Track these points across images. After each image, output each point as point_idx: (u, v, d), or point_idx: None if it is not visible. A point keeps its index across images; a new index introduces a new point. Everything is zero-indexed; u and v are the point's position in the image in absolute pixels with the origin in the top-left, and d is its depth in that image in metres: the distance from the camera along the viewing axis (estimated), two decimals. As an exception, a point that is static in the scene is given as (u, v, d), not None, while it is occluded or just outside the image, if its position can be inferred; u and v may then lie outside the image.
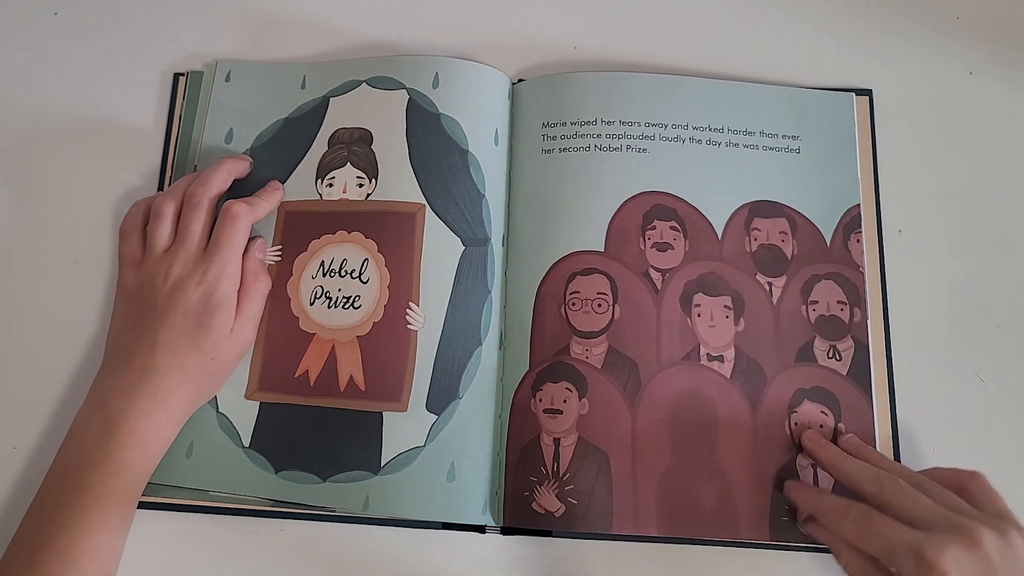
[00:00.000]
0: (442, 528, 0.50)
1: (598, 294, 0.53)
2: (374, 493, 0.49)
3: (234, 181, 0.55)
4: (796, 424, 0.51)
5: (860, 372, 0.53)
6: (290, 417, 0.51)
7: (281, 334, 0.53)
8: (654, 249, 0.54)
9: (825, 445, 0.50)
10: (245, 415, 0.51)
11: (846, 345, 0.53)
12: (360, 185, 0.55)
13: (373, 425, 0.50)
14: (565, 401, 0.51)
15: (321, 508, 0.50)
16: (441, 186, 0.54)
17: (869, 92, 0.59)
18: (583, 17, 0.62)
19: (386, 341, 0.52)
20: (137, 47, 0.62)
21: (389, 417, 0.50)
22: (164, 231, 0.51)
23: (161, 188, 0.58)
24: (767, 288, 0.54)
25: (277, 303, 0.53)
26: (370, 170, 0.55)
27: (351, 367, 0.51)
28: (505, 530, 0.50)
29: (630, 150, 0.56)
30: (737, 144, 0.57)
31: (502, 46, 0.61)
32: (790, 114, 0.58)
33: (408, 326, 0.52)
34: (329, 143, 0.56)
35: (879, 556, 0.42)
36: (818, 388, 0.52)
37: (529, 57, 0.61)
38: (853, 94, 0.59)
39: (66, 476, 0.46)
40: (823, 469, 0.50)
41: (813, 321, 0.54)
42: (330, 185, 0.55)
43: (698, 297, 0.54)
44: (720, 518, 0.49)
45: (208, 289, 0.49)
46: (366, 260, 0.53)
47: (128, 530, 0.47)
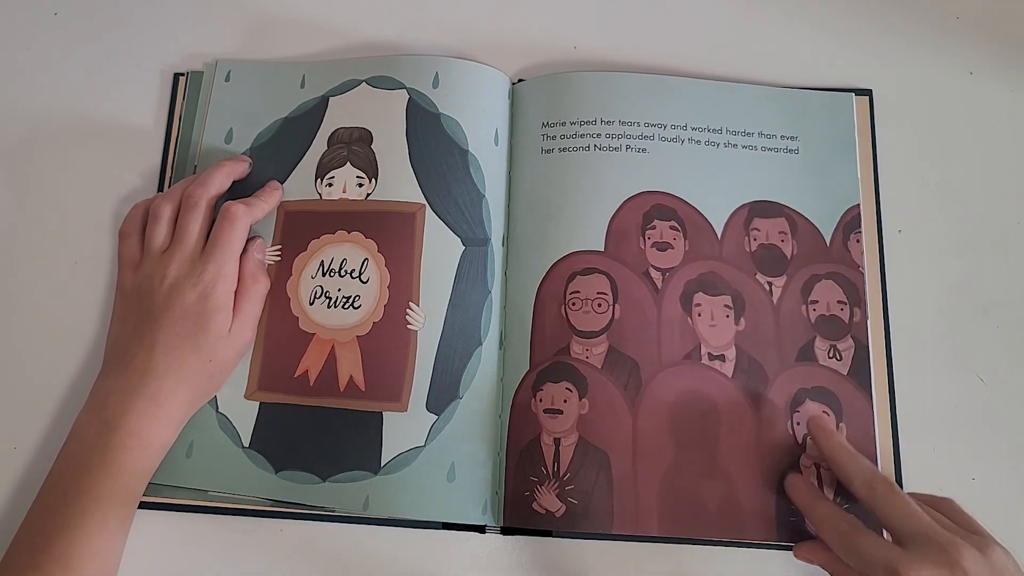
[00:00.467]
0: (442, 528, 0.50)
1: (598, 294, 0.53)
2: (374, 493, 0.49)
3: (234, 181, 0.55)
4: (799, 424, 0.51)
5: (860, 372, 0.53)
6: (290, 417, 0.51)
7: (281, 334, 0.53)
8: (654, 249, 0.54)
9: (830, 433, 0.49)
10: (245, 415, 0.51)
11: (846, 345, 0.53)
12: (360, 185, 0.55)
13: (373, 425, 0.50)
14: (565, 401, 0.51)
15: (321, 508, 0.50)
16: (441, 186, 0.54)
17: (869, 92, 0.59)
18: (583, 17, 0.62)
19: (386, 341, 0.52)
20: (137, 47, 0.62)
21: (389, 417, 0.50)
22: (161, 232, 0.51)
23: (161, 188, 0.58)
24: (767, 288, 0.54)
25: (277, 303, 0.53)
26: (370, 170, 0.55)
27: (351, 367, 0.51)
28: (505, 530, 0.50)
29: (630, 150, 0.56)
30: (736, 145, 0.57)
31: (502, 46, 0.61)
32: (789, 115, 0.58)
33: (408, 326, 0.52)
34: (329, 143, 0.56)
35: (859, 571, 0.42)
36: (819, 388, 0.52)
37: (529, 57, 0.61)
38: (853, 94, 0.59)
39: (66, 478, 0.46)
40: (821, 456, 0.49)
41: (813, 321, 0.53)
42: (330, 185, 0.55)
43: (698, 296, 0.54)
44: (725, 518, 0.49)
45: (205, 290, 0.49)
46: (366, 260, 0.53)
47: (128, 531, 0.47)
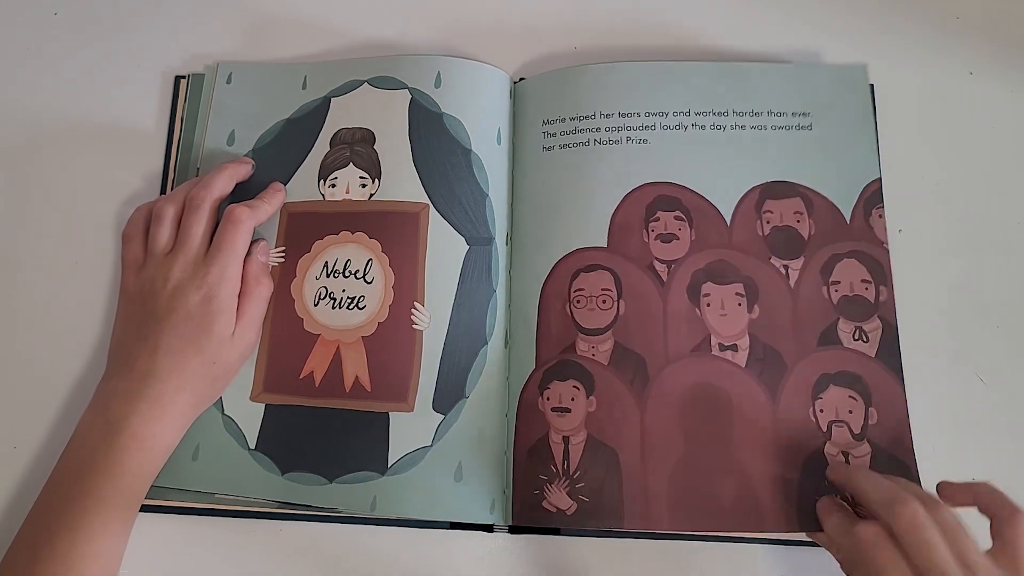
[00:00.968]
0: (450, 528, 0.50)
1: (602, 290, 0.53)
2: (381, 494, 0.49)
3: (237, 183, 0.55)
4: (822, 411, 0.50)
5: (890, 354, 0.51)
6: (296, 418, 0.51)
7: (286, 335, 0.53)
8: (658, 241, 0.54)
9: (844, 469, 0.48)
10: (251, 417, 0.51)
11: (873, 325, 0.52)
12: (363, 185, 0.55)
13: (379, 426, 0.50)
14: (573, 399, 0.51)
15: (328, 510, 0.50)
16: (444, 186, 0.54)
17: (871, 87, 0.58)
18: (584, 16, 0.62)
19: (391, 341, 0.52)
20: (138, 49, 0.62)
21: (395, 417, 0.50)
22: (165, 234, 0.51)
23: (164, 191, 0.58)
24: (783, 271, 0.53)
25: (281, 304, 0.53)
26: (373, 170, 0.55)
27: (356, 368, 0.51)
28: (513, 529, 0.50)
29: (630, 142, 0.56)
30: (744, 126, 0.56)
31: (503, 45, 0.61)
32: (799, 91, 0.57)
33: (413, 326, 0.52)
34: (331, 143, 0.56)
35: None
36: (845, 373, 0.51)
37: (530, 56, 0.61)
38: (867, 66, 0.58)
39: (68, 479, 0.46)
40: (839, 489, 0.48)
41: (836, 302, 0.52)
42: (333, 186, 0.55)
43: (707, 286, 0.53)
44: (740, 510, 0.49)
45: (209, 293, 0.49)
46: (370, 260, 0.53)
47: (130, 534, 0.47)
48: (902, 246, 0.56)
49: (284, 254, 0.54)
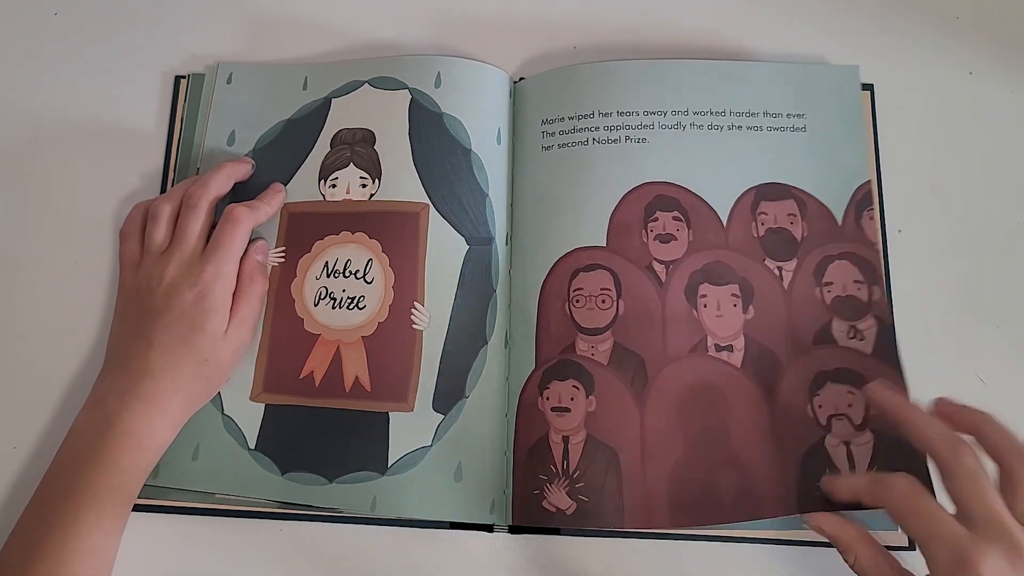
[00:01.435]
0: (450, 528, 0.50)
1: (601, 290, 0.53)
2: (381, 494, 0.49)
3: (237, 183, 0.55)
4: (820, 407, 0.50)
5: (887, 351, 0.51)
6: (296, 418, 0.51)
7: (286, 335, 0.53)
8: (657, 241, 0.54)
9: (893, 395, 0.46)
10: (251, 417, 0.51)
11: (867, 324, 0.52)
12: (363, 185, 0.55)
13: (379, 426, 0.50)
14: (572, 399, 0.51)
15: (328, 510, 0.50)
16: (445, 186, 0.54)
17: (871, 87, 0.59)
18: (583, 15, 0.62)
19: (391, 341, 0.52)
20: (138, 49, 0.62)
21: (395, 417, 0.50)
22: (161, 232, 0.51)
23: (163, 191, 0.58)
24: (777, 273, 0.53)
25: (281, 304, 0.53)
26: (373, 170, 0.55)
27: (356, 368, 0.51)
28: (513, 529, 0.50)
29: (629, 141, 0.56)
30: (740, 127, 0.56)
31: (503, 45, 0.61)
32: (794, 91, 0.57)
33: (413, 326, 0.52)
34: (332, 144, 0.56)
35: (916, 538, 0.40)
36: (842, 370, 0.51)
37: (530, 55, 0.61)
38: (858, 67, 0.58)
39: (63, 475, 0.46)
40: (888, 420, 0.46)
41: (829, 303, 0.53)
42: (333, 186, 0.55)
43: (704, 287, 0.53)
44: (739, 503, 0.48)
45: (203, 291, 0.49)
46: (370, 260, 0.53)
47: (123, 531, 0.47)
48: (902, 246, 0.56)
49: (284, 254, 0.54)
